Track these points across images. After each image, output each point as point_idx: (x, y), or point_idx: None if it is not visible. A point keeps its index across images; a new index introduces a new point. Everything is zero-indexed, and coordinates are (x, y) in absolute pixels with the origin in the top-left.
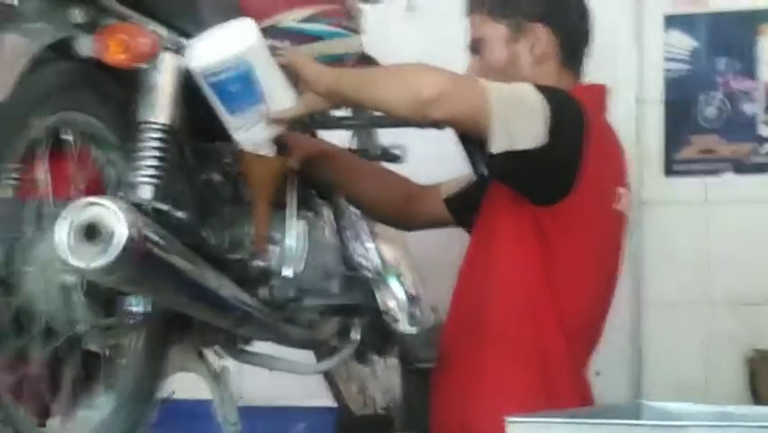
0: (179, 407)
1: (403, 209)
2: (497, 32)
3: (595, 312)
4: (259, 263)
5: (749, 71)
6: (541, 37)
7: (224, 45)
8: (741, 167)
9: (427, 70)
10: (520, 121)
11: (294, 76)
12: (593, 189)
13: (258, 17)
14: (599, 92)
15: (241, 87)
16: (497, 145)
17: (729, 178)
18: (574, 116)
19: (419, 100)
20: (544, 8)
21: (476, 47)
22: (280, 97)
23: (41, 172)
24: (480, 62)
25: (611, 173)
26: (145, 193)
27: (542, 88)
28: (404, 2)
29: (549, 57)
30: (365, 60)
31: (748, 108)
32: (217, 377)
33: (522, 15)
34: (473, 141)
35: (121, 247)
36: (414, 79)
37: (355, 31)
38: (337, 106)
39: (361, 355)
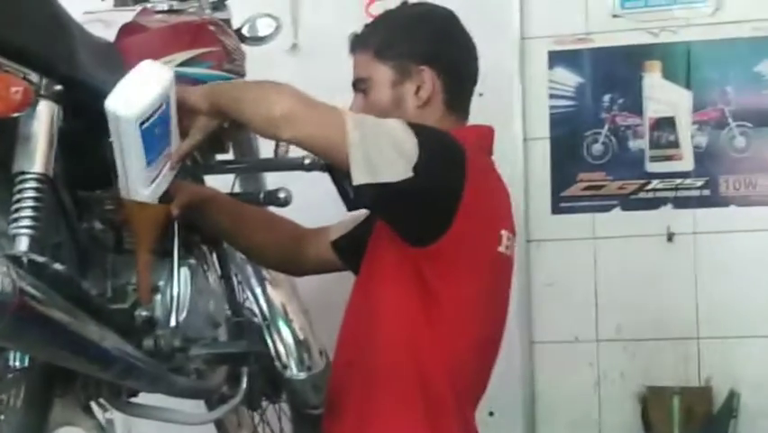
0: None
1: (292, 255)
2: (382, 74)
3: (480, 355)
4: (143, 313)
5: (635, 107)
6: (426, 80)
7: (148, 86)
8: (628, 203)
9: (286, 90)
10: (381, 153)
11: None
12: (473, 232)
13: (137, 61)
14: (485, 134)
15: (162, 129)
16: (358, 177)
17: (617, 214)
18: (449, 156)
19: (270, 117)
20: (431, 52)
21: (360, 86)
22: (176, 137)
23: None
24: (363, 101)
25: (493, 216)
26: (21, 245)
27: (414, 125)
28: (287, 43)
29: (434, 100)
30: None
31: (634, 144)
32: (102, 431)
33: (408, 58)
34: (341, 172)
35: None
36: (270, 96)
37: (238, 73)
38: (225, 122)
39: (251, 402)
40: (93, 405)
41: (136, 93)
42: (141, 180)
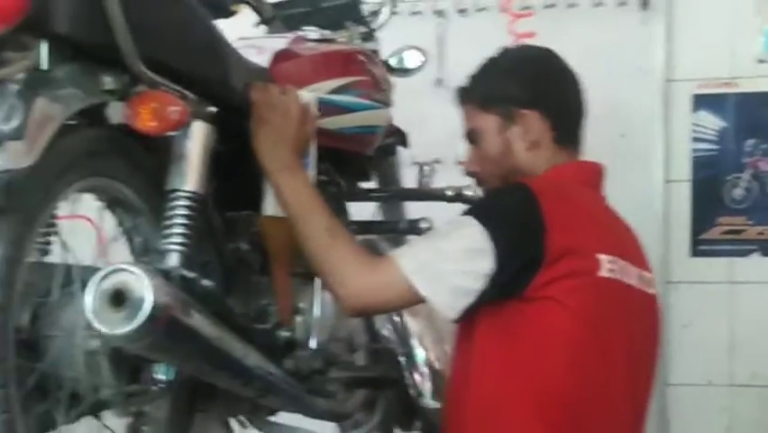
0: None
1: None
2: (488, 122)
3: (591, 388)
4: (284, 333)
5: None
6: (532, 123)
7: None
8: None
9: (349, 273)
10: (458, 286)
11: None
12: (564, 265)
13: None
14: (585, 168)
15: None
16: (449, 314)
17: (756, 260)
18: (524, 222)
19: (341, 304)
20: (531, 94)
21: (471, 137)
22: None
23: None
24: (475, 152)
25: (586, 243)
26: (172, 260)
27: (482, 214)
28: (433, 76)
29: (542, 140)
30: (394, 133)
31: None
32: None
33: (511, 104)
34: None
35: (147, 314)
36: (337, 283)
37: (385, 103)
38: None
39: (384, 429)
40: (232, 422)
41: None
42: None
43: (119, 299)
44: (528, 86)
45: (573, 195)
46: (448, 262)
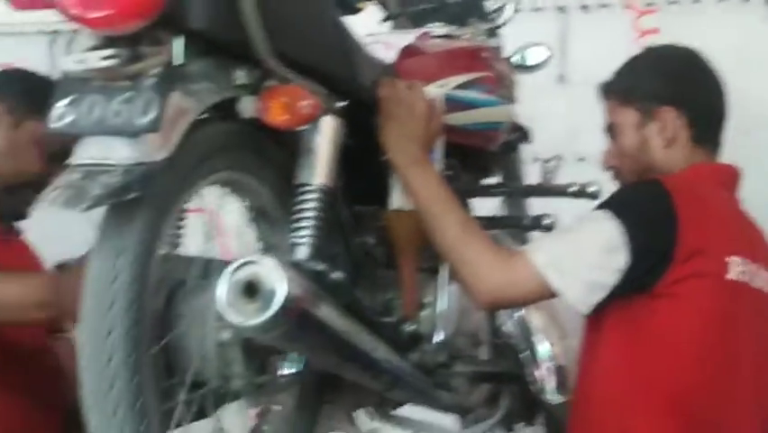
0: None
1: None
2: (627, 117)
3: (716, 387)
4: (409, 327)
5: None
6: (669, 120)
7: None
8: None
9: (483, 267)
10: (588, 275)
11: None
12: (693, 264)
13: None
14: (721, 170)
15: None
16: (581, 308)
17: None
18: (656, 217)
19: (474, 298)
20: (671, 91)
21: (610, 132)
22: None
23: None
24: (615, 146)
25: (716, 244)
26: (303, 253)
27: (617, 209)
28: (555, 73)
29: (679, 138)
30: (517, 130)
31: None
32: None
33: (650, 100)
34: None
35: (279, 305)
36: (471, 277)
37: (509, 99)
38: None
39: (506, 423)
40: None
41: None
42: None
43: (252, 290)
44: (668, 83)
45: (706, 195)
46: (583, 256)
